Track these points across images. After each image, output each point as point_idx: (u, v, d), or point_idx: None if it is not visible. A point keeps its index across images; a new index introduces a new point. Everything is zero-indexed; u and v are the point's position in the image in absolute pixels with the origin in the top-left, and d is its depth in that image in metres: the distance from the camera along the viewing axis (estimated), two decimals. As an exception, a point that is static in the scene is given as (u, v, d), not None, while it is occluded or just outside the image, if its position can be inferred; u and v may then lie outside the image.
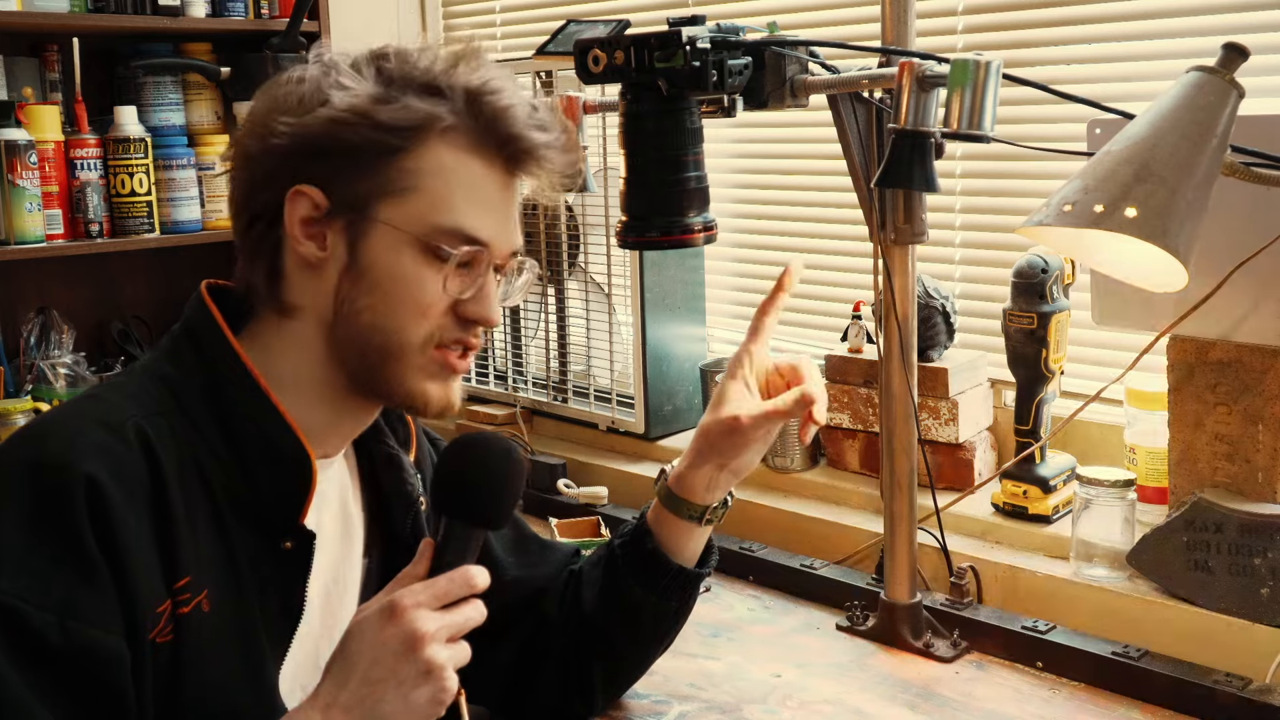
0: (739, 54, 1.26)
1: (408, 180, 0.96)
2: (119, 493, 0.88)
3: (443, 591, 0.89)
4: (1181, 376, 1.43)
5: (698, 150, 1.30)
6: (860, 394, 1.79)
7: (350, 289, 0.97)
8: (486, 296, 1.00)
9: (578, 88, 1.90)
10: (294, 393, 1.00)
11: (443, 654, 0.87)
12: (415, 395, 1.00)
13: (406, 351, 0.98)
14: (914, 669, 1.41)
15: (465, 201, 0.98)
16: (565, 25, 1.98)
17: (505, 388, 2.32)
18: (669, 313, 2.07)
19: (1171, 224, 1.05)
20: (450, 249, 0.97)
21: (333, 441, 1.06)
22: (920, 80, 1.20)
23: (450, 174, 0.97)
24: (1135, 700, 1.31)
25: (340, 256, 0.97)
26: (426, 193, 0.96)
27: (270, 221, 0.98)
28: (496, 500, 0.96)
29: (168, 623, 0.90)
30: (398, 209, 0.96)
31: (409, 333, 0.98)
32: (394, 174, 0.96)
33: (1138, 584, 1.45)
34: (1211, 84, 1.11)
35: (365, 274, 0.97)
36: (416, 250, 0.96)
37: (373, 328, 0.98)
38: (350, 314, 0.98)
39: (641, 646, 1.26)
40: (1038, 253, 1.56)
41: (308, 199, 0.96)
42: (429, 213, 0.96)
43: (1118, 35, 1.66)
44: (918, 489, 1.46)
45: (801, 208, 2.09)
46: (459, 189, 0.97)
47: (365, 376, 1.00)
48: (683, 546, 1.21)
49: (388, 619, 0.88)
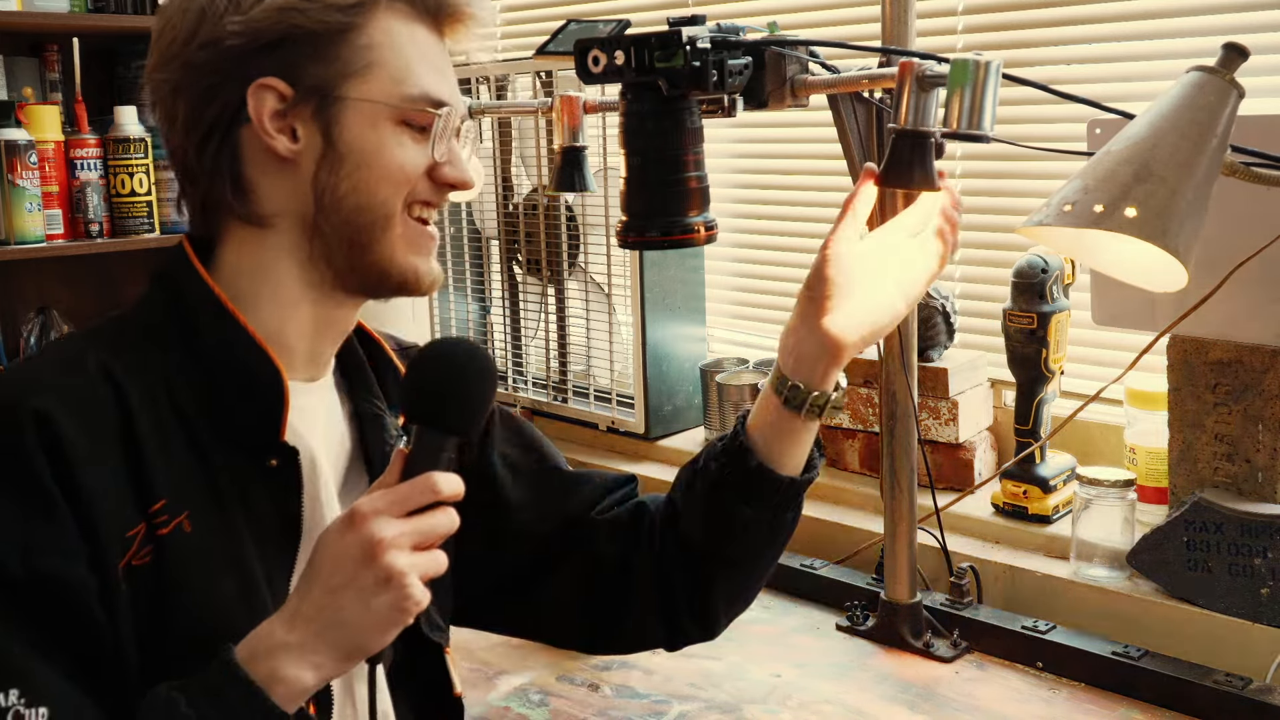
0: (739, 54, 1.26)
1: (367, 56, 0.97)
2: (73, 423, 0.87)
3: (403, 497, 0.87)
4: (1181, 376, 1.43)
5: (698, 150, 1.30)
6: (860, 394, 1.79)
7: (330, 176, 0.97)
8: (457, 155, 1.02)
9: (578, 88, 1.90)
10: (271, 309, 0.99)
11: (402, 560, 0.85)
12: (407, 270, 1.01)
13: (390, 223, 0.99)
14: (914, 669, 1.41)
15: (423, 68, 0.99)
16: (565, 25, 1.98)
17: (505, 388, 2.32)
18: (669, 313, 2.07)
19: (1171, 224, 1.05)
20: (423, 113, 0.99)
21: (316, 359, 1.05)
22: (920, 80, 1.20)
23: (402, 42, 0.99)
24: (1135, 700, 1.31)
25: (315, 145, 0.97)
26: (387, 65, 0.97)
27: (226, 131, 0.97)
28: (461, 405, 0.93)
29: (143, 545, 0.90)
30: (365, 85, 0.97)
31: (391, 204, 0.99)
32: (352, 52, 0.96)
33: (1138, 584, 1.45)
34: (1211, 84, 1.11)
35: (346, 156, 0.97)
36: (393, 122, 0.98)
37: (359, 208, 0.98)
38: (333, 202, 0.98)
39: (761, 560, 1.20)
40: (1038, 253, 1.56)
41: (272, 91, 0.95)
42: (395, 84, 0.97)
43: (1118, 35, 1.66)
44: (918, 489, 1.46)
45: (801, 208, 2.09)
46: (414, 56, 0.99)
47: (353, 265, 1.00)
48: (794, 453, 1.12)
49: (347, 526, 0.86)
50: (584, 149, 1.55)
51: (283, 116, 0.96)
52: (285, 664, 0.84)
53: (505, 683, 1.42)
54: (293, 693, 0.84)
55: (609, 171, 2.04)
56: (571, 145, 1.53)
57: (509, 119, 2.20)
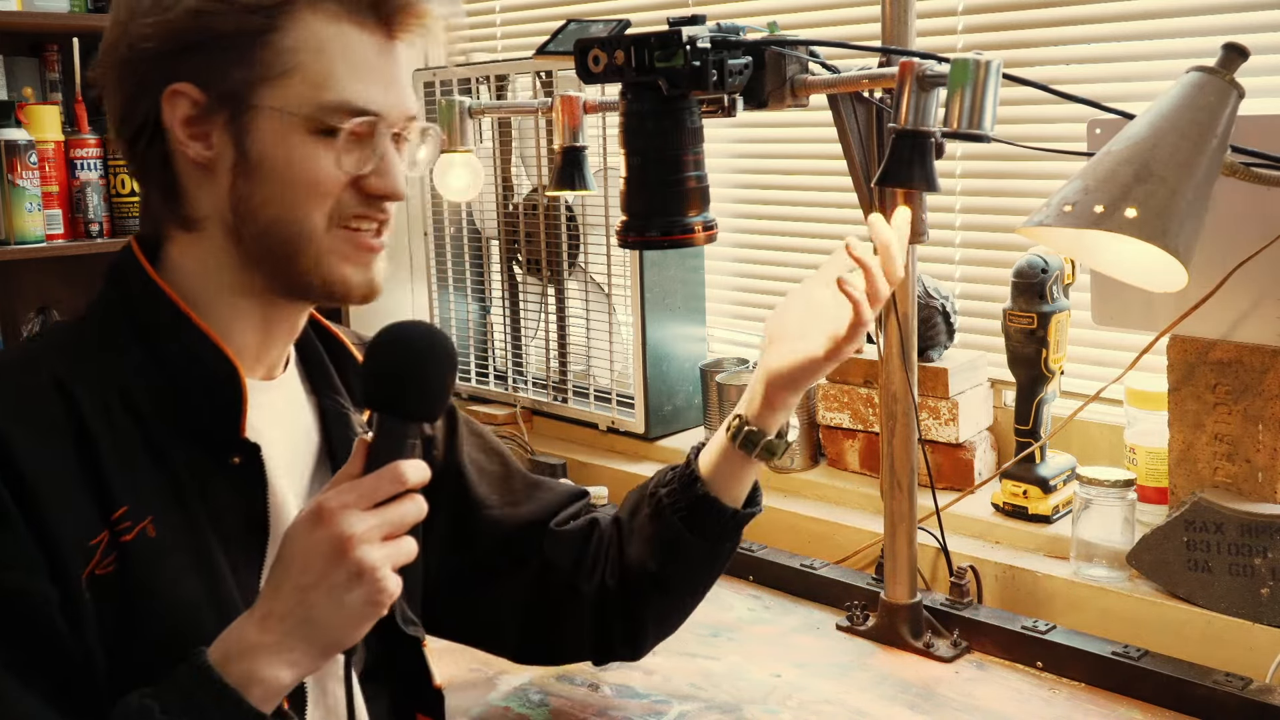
0: (739, 54, 1.26)
1: (284, 61, 0.92)
2: (24, 435, 0.87)
3: (370, 489, 0.85)
4: (1181, 376, 1.43)
5: (698, 150, 1.30)
6: (860, 394, 1.79)
7: (245, 185, 0.94)
8: (388, 168, 0.96)
9: (578, 88, 1.90)
10: (218, 309, 0.97)
11: (374, 554, 0.83)
12: (334, 282, 0.97)
13: (313, 237, 0.95)
14: (914, 669, 1.41)
15: (347, 72, 0.94)
16: (565, 25, 1.98)
17: (505, 388, 2.32)
18: (669, 313, 2.07)
19: (1171, 224, 1.05)
20: (339, 123, 0.93)
21: (272, 354, 1.03)
22: (920, 80, 1.20)
23: (327, 46, 0.93)
24: (1135, 700, 1.31)
25: (229, 154, 0.93)
26: (306, 70, 0.92)
27: (153, 133, 0.95)
28: (422, 389, 0.91)
29: (106, 553, 0.88)
30: (279, 92, 0.92)
31: (310, 218, 0.94)
32: (269, 56, 0.92)
33: (1138, 584, 1.45)
34: (1211, 84, 1.11)
35: (257, 167, 0.93)
36: (305, 132, 0.93)
37: (275, 221, 0.94)
38: (249, 212, 0.94)
39: (696, 587, 1.26)
40: (1038, 253, 1.56)
41: (185, 97, 0.92)
42: (312, 91, 0.92)
43: (1118, 35, 1.66)
44: (918, 489, 1.46)
45: (801, 208, 2.09)
46: (339, 60, 0.93)
47: (280, 274, 0.97)
48: (735, 487, 1.23)
49: (315, 522, 0.84)
50: (584, 149, 1.55)
51: (197, 123, 0.93)
52: (261, 665, 0.84)
53: (505, 683, 1.42)
54: (270, 692, 0.84)
55: (609, 171, 2.04)
56: (571, 145, 1.54)
57: (509, 119, 2.20)
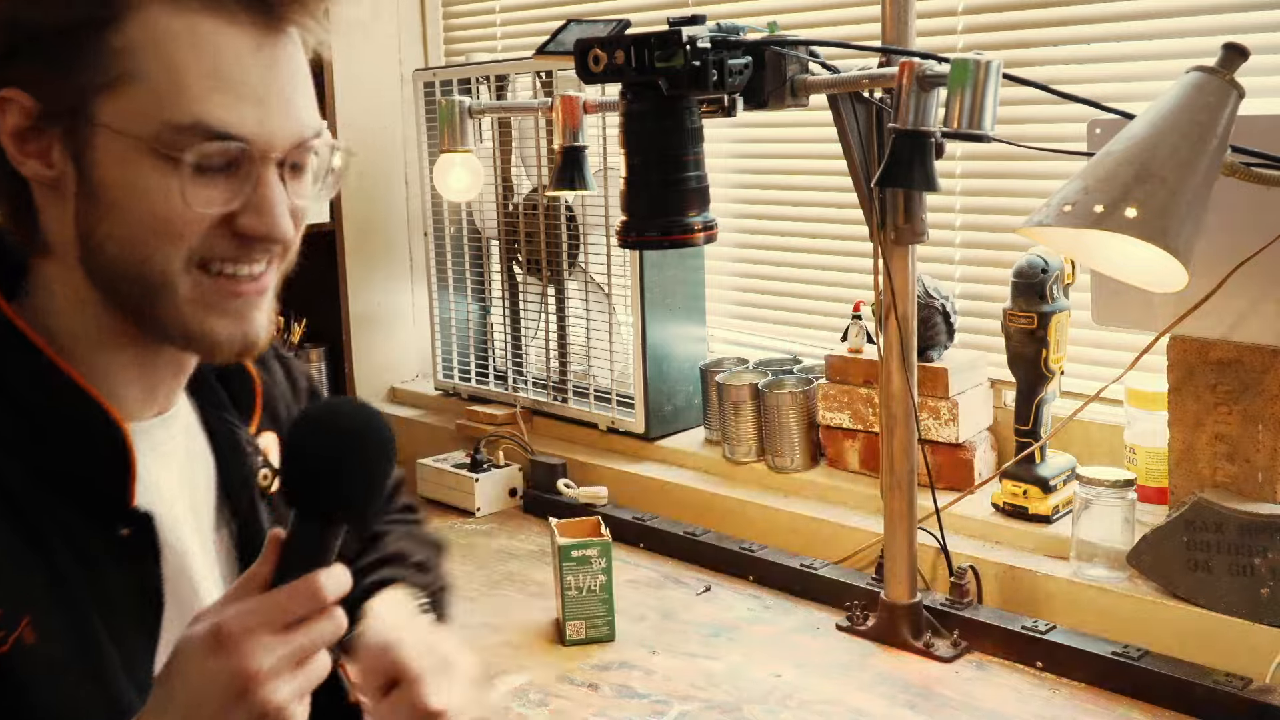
0: (739, 54, 1.26)
1: (122, 63, 0.74)
2: None
3: (281, 609, 0.70)
4: (1181, 376, 1.43)
5: (698, 150, 1.30)
6: (860, 394, 1.79)
7: (88, 213, 0.77)
8: (263, 202, 0.78)
9: (578, 87, 1.90)
10: (87, 348, 0.82)
11: (282, 691, 0.69)
12: (197, 335, 0.80)
13: (168, 282, 0.78)
14: (914, 669, 1.41)
15: (204, 82, 0.75)
16: (565, 25, 1.97)
17: (505, 388, 2.32)
18: (669, 313, 2.07)
19: (1171, 224, 1.05)
20: (187, 150, 0.75)
21: (159, 394, 0.87)
22: (920, 80, 1.20)
23: (176, 45, 0.74)
24: (1135, 700, 1.31)
25: (70, 174, 0.77)
26: (148, 78, 0.74)
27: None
28: (347, 488, 0.75)
29: None
30: (117, 105, 0.75)
31: (165, 260, 0.77)
32: (104, 58, 0.74)
33: (1138, 584, 1.45)
34: (1211, 84, 1.11)
35: (98, 194, 0.76)
36: (153, 157, 0.75)
37: (120, 259, 0.77)
38: (95, 245, 0.78)
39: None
40: (1038, 253, 1.56)
41: (14, 105, 0.76)
42: (157, 105, 0.74)
43: (1118, 35, 1.66)
44: (918, 489, 1.46)
45: (801, 208, 2.09)
46: (193, 65, 0.75)
47: (139, 319, 0.80)
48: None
49: (214, 647, 0.69)
50: (584, 149, 1.55)
51: (32, 137, 0.77)
52: None
53: (505, 683, 1.42)
54: None
55: (609, 171, 2.04)
56: (571, 145, 1.54)
57: (509, 119, 2.20)
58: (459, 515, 2.05)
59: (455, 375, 2.41)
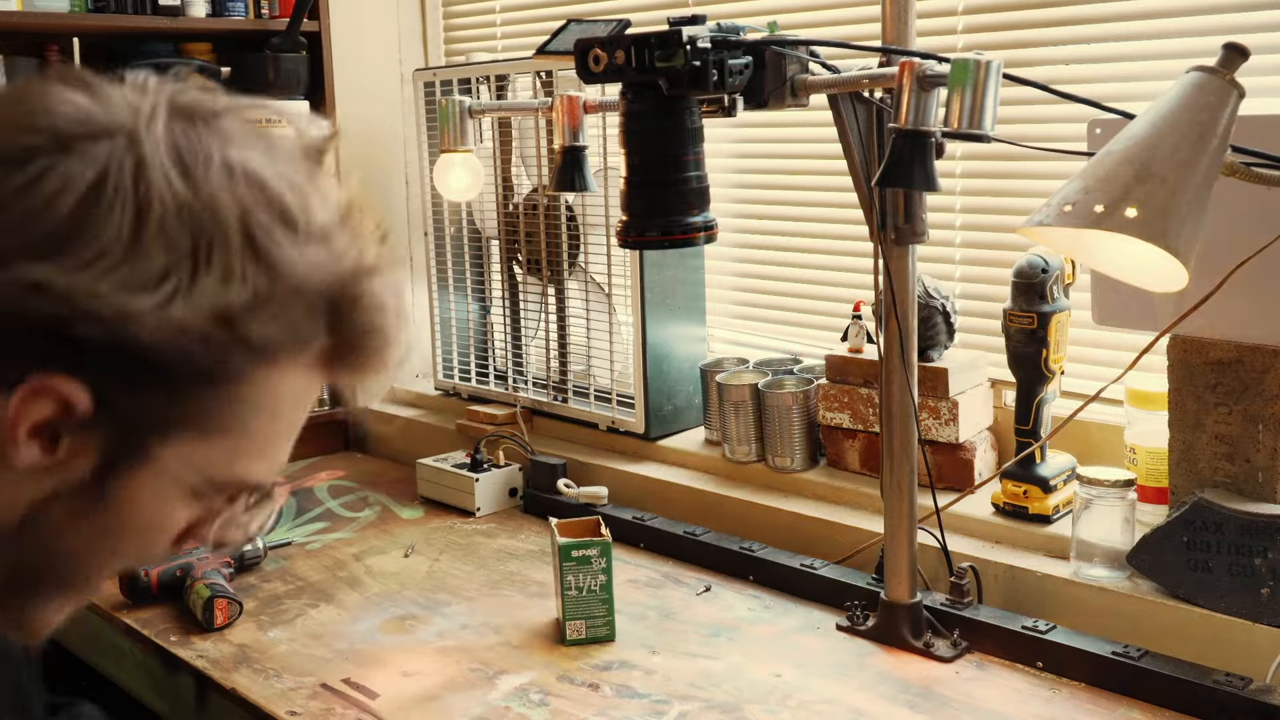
0: (739, 54, 1.26)
1: (229, 415, 0.66)
2: None
3: None
4: (1181, 376, 1.43)
5: (698, 150, 1.30)
6: (860, 394, 1.79)
7: (66, 513, 0.66)
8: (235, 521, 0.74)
9: (578, 87, 1.90)
10: None
11: None
12: (38, 632, 0.72)
13: (93, 585, 0.72)
14: (914, 669, 1.41)
15: (286, 438, 0.71)
16: (565, 25, 1.98)
17: (505, 388, 2.32)
18: (669, 313, 2.07)
19: (1172, 224, 1.05)
20: (231, 495, 0.71)
21: None
22: (921, 80, 1.20)
23: (288, 406, 0.69)
24: (1135, 700, 1.31)
25: (76, 474, 0.64)
26: (246, 435, 0.67)
27: None
28: None
29: None
30: (193, 447, 0.66)
31: (105, 565, 0.71)
32: (214, 405, 0.65)
33: (1138, 584, 1.45)
34: (1211, 84, 1.11)
35: (105, 510, 0.66)
36: (189, 496, 0.68)
37: (73, 555, 0.69)
38: (49, 534, 0.67)
39: None
40: (1038, 253, 1.56)
41: (57, 399, 0.61)
42: (233, 458, 0.68)
43: (1118, 35, 1.66)
44: (918, 489, 1.46)
45: (801, 208, 2.09)
46: (286, 422, 0.69)
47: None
48: None
49: None
50: (584, 149, 1.55)
51: (50, 429, 0.63)
52: None
53: (505, 683, 1.42)
54: None
55: (609, 171, 2.04)
56: (571, 145, 1.54)
57: (509, 119, 2.20)
58: (459, 515, 2.05)
59: (455, 375, 2.41)
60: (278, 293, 0.63)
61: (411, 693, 1.41)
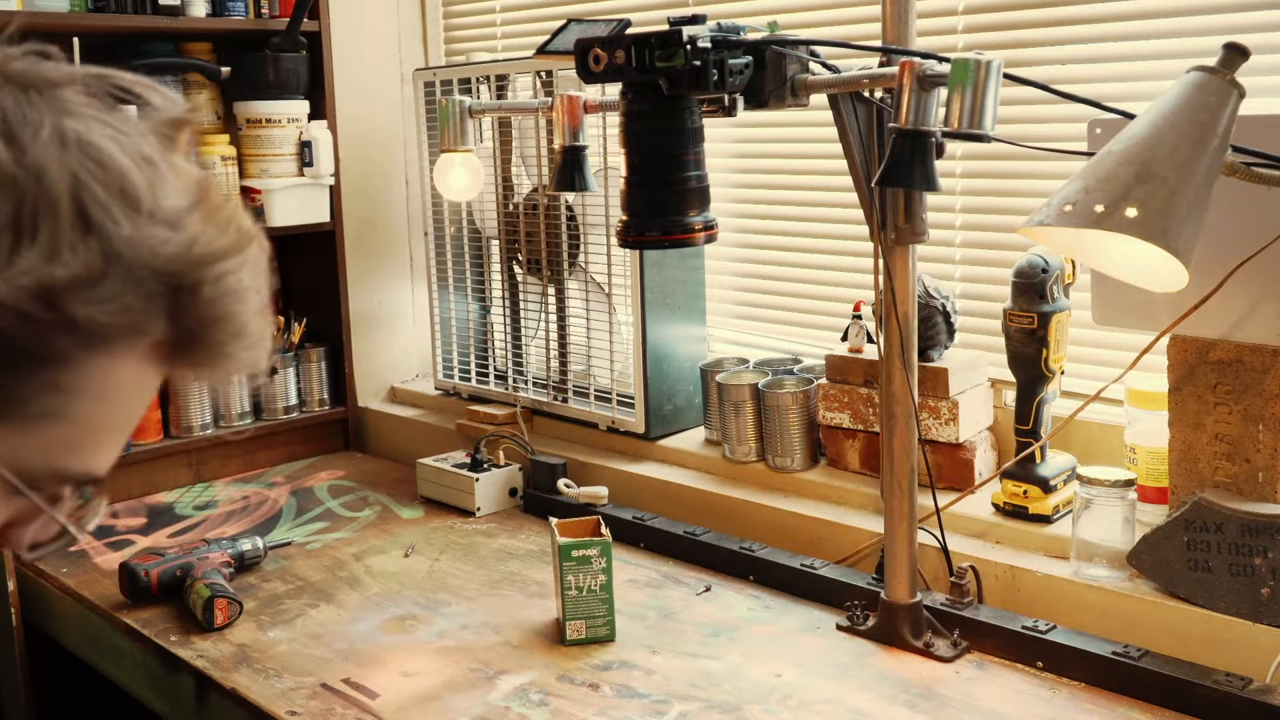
0: (739, 53, 1.26)
1: (50, 403, 0.59)
2: None
3: None
4: (1181, 376, 1.43)
5: (698, 150, 1.30)
6: (860, 394, 1.79)
7: None
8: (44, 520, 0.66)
9: (578, 87, 1.90)
10: None
11: None
12: None
13: None
14: (914, 669, 1.41)
15: (117, 430, 0.64)
16: (565, 25, 1.98)
17: (505, 388, 2.32)
18: (669, 312, 2.07)
19: (1172, 224, 1.05)
20: (54, 490, 0.64)
21: None
22: (921, 80, 1.20)
23: (119, 395, 0.62)
24: (1135, 700, 1.31)
25: None
26: (70, 422, 0.61)
27: None
28: None
29: None
30: (5, 436, 0.59)
31: None
32: (31, 391, 0.59)
33: (1138, 584, 1.45)
34: (1212, 84, 1.11)
35: None
36: (5, 490, 0.61)
37: None
38: None
39: None
40: (1038, 253, 1.56)
41: None
42: (52, 450, 0.61)
43: (1118, 35, 1.66)
44: (918, 489, 1.46)
45: (801, 208, 2.09)
46: (117, 413, 0.63)
47: None
48: None
49: None
50: (584, 149, 1.55)
51: None
52: None
53: (505, 683, 1.42)
54: None
55: (609, 171, 2.04)
56: (571, 145, 1.54)
57: (509, 119, 2.20)
58: (459, 515, 2.05)
59: (455, 375, 2.41)
60: (111, 273, 0.57)
61: (411, 693, 1.41)
